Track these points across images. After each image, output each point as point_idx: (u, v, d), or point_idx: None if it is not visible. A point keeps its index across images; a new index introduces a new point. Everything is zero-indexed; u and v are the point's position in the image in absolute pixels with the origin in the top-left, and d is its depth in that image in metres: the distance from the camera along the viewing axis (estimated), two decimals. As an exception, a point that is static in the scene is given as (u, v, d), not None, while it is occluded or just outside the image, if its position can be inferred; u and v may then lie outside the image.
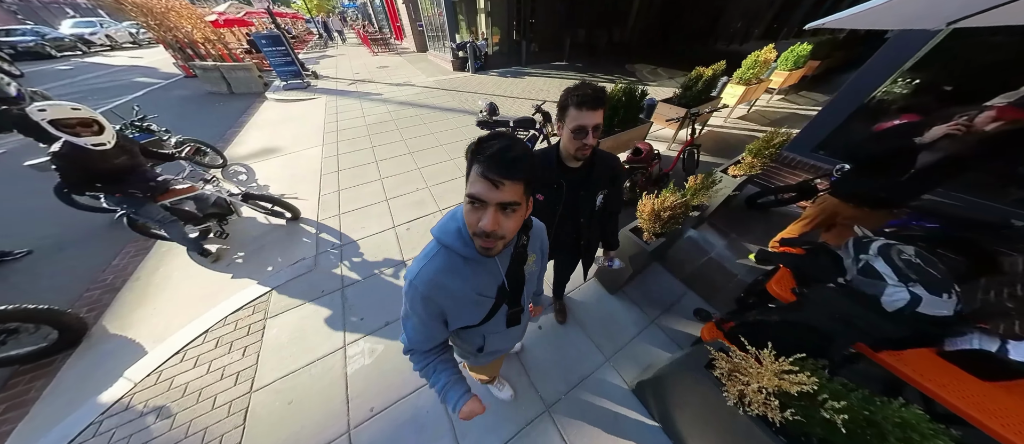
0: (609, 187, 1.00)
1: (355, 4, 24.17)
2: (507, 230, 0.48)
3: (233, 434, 1.26)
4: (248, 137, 4.30)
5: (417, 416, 1.31)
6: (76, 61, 10.72)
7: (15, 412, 1.37)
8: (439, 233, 0.56)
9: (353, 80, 7.68)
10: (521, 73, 8.53)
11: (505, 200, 0.45)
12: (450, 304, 0.57)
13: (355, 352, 1.57)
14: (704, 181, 1.56)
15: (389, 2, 14.22)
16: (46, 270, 2.17)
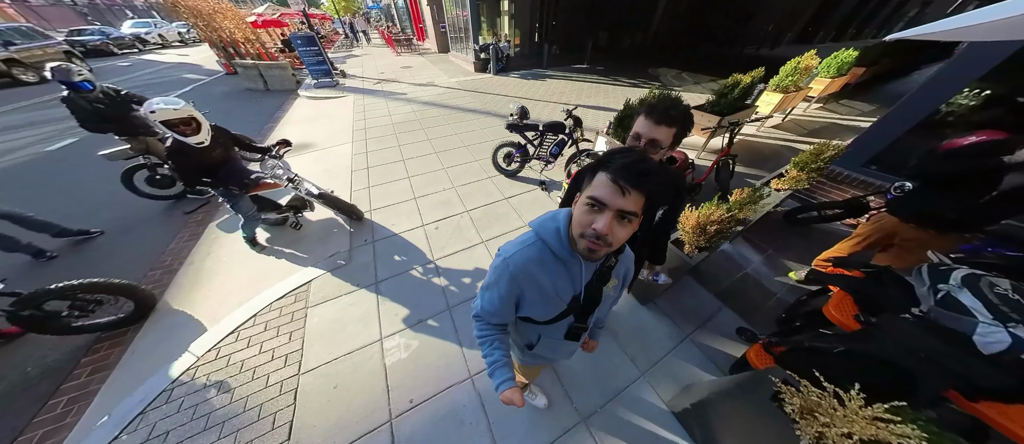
0: (669, 202, 0.98)
1: (379, 5, 24.98)
2: (617, 238, 0.50)
3: (285, 412, 1.34)
4: (283, 132, 4.54)
5: (456, 411, 1.35)
6: (133, 58, 11.71)
7: (99, 375, 1.53)
8: (538, 228, 0.60)
9: (378, 79, 7.94)
10: (542, 76, 8.52)
11: (627, 209, 0.47)
12: (531, 292, 0.61)
13: (391, 345, 1.63)
14: (752, 195, 1.51)
15: (413, 3, 14.59)
16: (116, 249, 2.39)
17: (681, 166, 2.36)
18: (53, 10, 22.89)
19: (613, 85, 7.67)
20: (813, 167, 1.90)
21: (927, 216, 1.35)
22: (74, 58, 9.04)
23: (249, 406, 1.36)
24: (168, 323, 1.77)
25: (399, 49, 12.91)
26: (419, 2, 13.19)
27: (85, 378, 1.53)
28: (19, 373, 1.56)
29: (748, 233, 2.31)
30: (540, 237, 0.59)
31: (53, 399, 1.45)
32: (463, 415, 1.34)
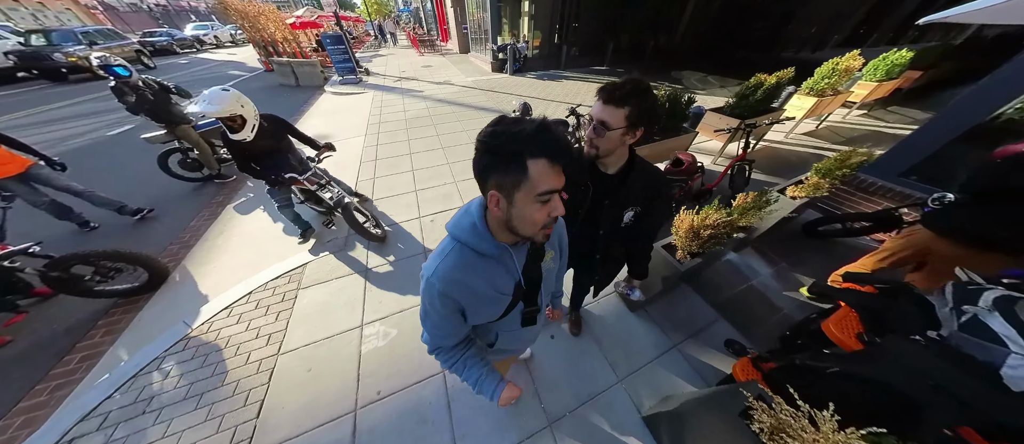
0: (644, 205, 0.87)
1: (409, 8, 26.07)
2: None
3: (259, 391, 1.39)
4: (306, 124, 4.83)
5: (421, 407, 1.33)
6: (191, 56, 13.07)
7: (109, 337, 1.68)
8: (453, 229, 0.54)
9: (399, 77, 8.25)
10: (559, 76, 8.45)
11: (561, 185, 0.46)
12: (468, 299, 0.56)
13: (371, 333, 1.65)
14: (756, 200, 1.37)
15: (439, 6, 15.07)
16: (146, 224, 2.64)
17: (688, 169, 2.22)
18: (134, 15, 26.22)
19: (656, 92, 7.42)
20: (837, 174, 1.69)
21: (971, 232, 1.15)
22: (142, 56, 10.23)
23: (227, 381, 1.42)
24: (175, 294, 1.92)
25: (422, 49, 13.37)
26: (444, 5, 13.62)
27: (98, 338, 1.68)
28: (48, 329, 1.75)
29: (759, 243, 2.11)
30: (458, 239, 0.54)
31: (69, 355, 1.61)
32: (427, 412, 1.31)
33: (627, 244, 1.03)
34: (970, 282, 0.88)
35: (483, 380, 0.64)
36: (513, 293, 0.60)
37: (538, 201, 0.45)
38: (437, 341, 0.62)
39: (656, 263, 1.45)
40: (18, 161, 2.10)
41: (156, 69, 9.95)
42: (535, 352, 1.54)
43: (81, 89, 7.47)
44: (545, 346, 1.57)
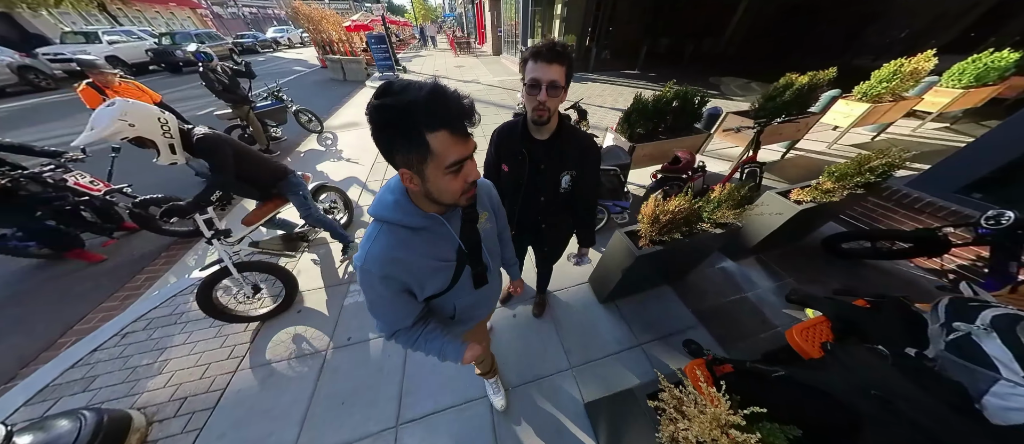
0: (578, 167, 0.89)
1: (453, 14, 27.59)
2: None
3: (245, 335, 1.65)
4: (344, 112, 5.42)
5: (381, 359, 1.46)
6: (268, 55, 15.33)
7: (166, 265, 2.11)
8: (378, 211, 0.52)
9: (431, 76, 8.80)
10: (585, 79, 8.32)
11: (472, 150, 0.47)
12: (412, 275, 0.54)
13: (355, 289, 1.84)
14: (733, 192, 1.26)
15: (479, 10, 15.75)
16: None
17: (685, 166, 2.09)
18: (232, 21, 31.56)
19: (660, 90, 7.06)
20: (856, 178, 1.46)
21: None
22: (233, 54, 12.26)
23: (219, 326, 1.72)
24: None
25: (458, 51, 14.07)
26: (483, 9, 14.21)
27: (160, 266, 2.11)
28: (129, 255, 2.23)
29: (765, 254, 1.91)
30: (384, 220, 0.52)
31: (139, 275, 2.04)
32: (385, 364, 1.43)
33: (574, 211, 1.04)
34: (972, 298, 0.76)
35: (445, 348, 0.61)
36: (457, 258, 0.59)
37: (450, 172, 0.43)
38: (394, 325, 0.59)
39: (615, 245, 1.41)
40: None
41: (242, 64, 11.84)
42: (495, 326, 1.58)
43: (190, 79, 9.18)
44: (505, 322, 1.61)
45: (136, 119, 1.13)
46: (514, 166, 0.93)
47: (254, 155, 1.55)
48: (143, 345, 1.55)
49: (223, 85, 3.35)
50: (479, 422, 1.23)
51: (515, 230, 1.08)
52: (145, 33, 11.00)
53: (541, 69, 0.70)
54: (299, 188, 1.73)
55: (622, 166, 2.00)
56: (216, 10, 29.28)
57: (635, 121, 2.51)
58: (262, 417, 1.25)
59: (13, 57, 7.48)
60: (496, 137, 0.97)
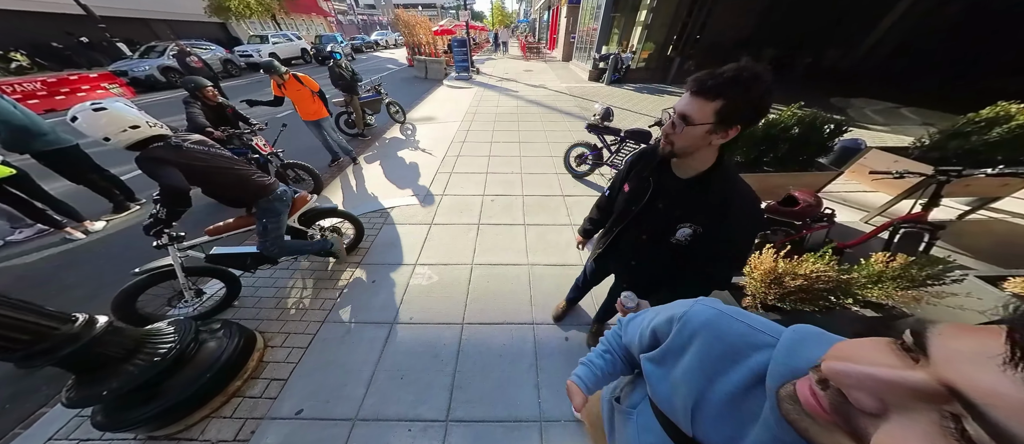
0: (705, 224, 0.70)
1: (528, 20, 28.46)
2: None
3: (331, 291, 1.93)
4: (423, 107, 6.04)
5: (436, 345, 1.54)
6: (370, 54, 18.16)
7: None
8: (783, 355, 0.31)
9: (501, 78, 9.19)
10: (662, 91, 7.62)
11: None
12: (679, 371, 0.38)
13: (421, 272, 2.00)
14: (910, 267, 0.92)
15: (555, 16, 15.87)
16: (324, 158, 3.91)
17: (804, 211, 1.70)
18: (349, 26, 38.64)
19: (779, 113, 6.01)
20: None
21: None
22: (351, 57, 14.93)
23: (322, 267, 2.04)
24: (319, 198, 2.83)
25: (529, 55, 14.41)
26: (560, 15, 14.26)
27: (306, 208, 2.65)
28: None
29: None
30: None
31: None
32: (440, 352, 1.51)
33: (677, 269, 0.84)
34: None
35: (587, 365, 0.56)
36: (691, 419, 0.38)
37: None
38: (622, 339, 0.55)
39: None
40: (324, 112, 3.25)
41: (354, 62, 14.29)
42: (543, 342, 1.53)
43: (325, 71, 11.51)
44: (555, 343, 1.54)
45: (108, 129, 1.14)
46: (634, 189, 0.82)
47: (226, 175, 1.41)
48: (267, 280, 1.95)
49: (343, 80, 4.06)
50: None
51: (605, 247, 1.00)
52: (295, 36, 14.13)
53: (684, 98, 0.62)
54: (270, 214, 1.54)
55: None
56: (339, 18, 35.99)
57: (733, 145, 2.16)
58: (339, 369, 1.44)
59: (222, 53, 10.48)
60: (636, 156, 0.87)
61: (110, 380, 1.06)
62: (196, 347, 1.28)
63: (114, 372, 1.07)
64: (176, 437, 1.21)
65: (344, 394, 1.34)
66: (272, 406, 1.30)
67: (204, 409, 1.25)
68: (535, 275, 1.96)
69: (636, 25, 8.49)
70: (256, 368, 1.43)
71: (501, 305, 1.76)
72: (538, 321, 1.67)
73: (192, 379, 1.22)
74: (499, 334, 1.60)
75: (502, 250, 2.19)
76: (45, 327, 0.92)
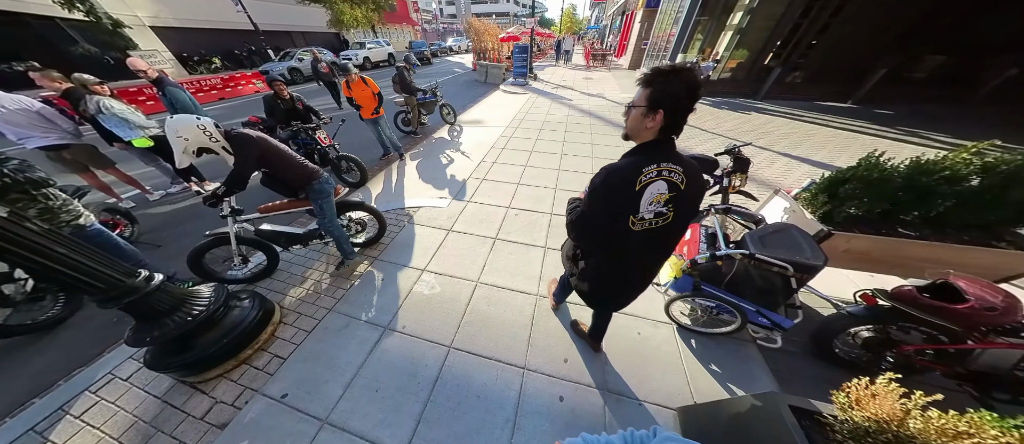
0: None
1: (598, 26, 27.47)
2: None
3: (363, 265, 2.02)
4: (474, 110, 6.26)
5: (417, 365, 1.48)
6: (442, 58, 20.00)
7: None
8: None
9: (558, 85, 8.97)
10: (748, 108, 6.33)
11: None
12: None
13: (427, 279, 1.98)
14: None
15: (627, 22, 14.87)
16: (375, 151, 4.37)
17: (977, 313, 1.08)
18: (431, 34, 43.68)
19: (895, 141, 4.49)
20: None
21: None
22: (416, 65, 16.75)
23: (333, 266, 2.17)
24: (364, 189, 3.11)
25: (592, 62, 13.81)
26: (633, 21, 13.29)
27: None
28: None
29: None
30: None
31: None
32: (420, 372, 1.43)
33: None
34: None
35: None
36: None
37: None
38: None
39: (760, 418, 0.81)
40: (381, 111, 3.71)
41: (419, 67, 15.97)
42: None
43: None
44: (547, 407, 1.30)
45: (185, 133, 1.35)
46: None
47: (284, 158, 1.64)
48: (299, 258, 2.19)
49: (405, 84, 4.48)
50: None
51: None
52: (385, 42, 16.50)
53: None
54: (322, 196, 1.76)
55: (802, 264, 1.21)
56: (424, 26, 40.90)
57: (850, 194, 1.54)
58: (327, 363, 1.48)
59: (331, 56, 12.94)
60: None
61: (156, 329, 1.26)
62: (224, 312, 1.46)
63: (159, 323, 1.27)
64: (195, 387, 1.39)
65: (324, 391, 1.36)
66: (267, 382, 1.40)
67: (218, 369, 1.42)
68: (541, 310, 1.74)
69: (725, 29, 7.29)
70: (267, 340, 1.58)
71: (495, 336, 1.60)
72: (531, 367, 1.45)
73: (215, 340, 1.40)
74: (485, 370, 1.44)
75: (512, 273, 2.02)
76: (116, 279, 1.14)
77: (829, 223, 1.61)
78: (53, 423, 1.28)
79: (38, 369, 1.53)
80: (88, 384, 1.41)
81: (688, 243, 1.62)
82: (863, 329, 1.38)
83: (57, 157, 2.52)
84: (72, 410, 1.32)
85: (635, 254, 0.90)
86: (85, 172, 2.70)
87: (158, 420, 1.28)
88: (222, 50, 14.28)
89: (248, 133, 1.49)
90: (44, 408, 1.33)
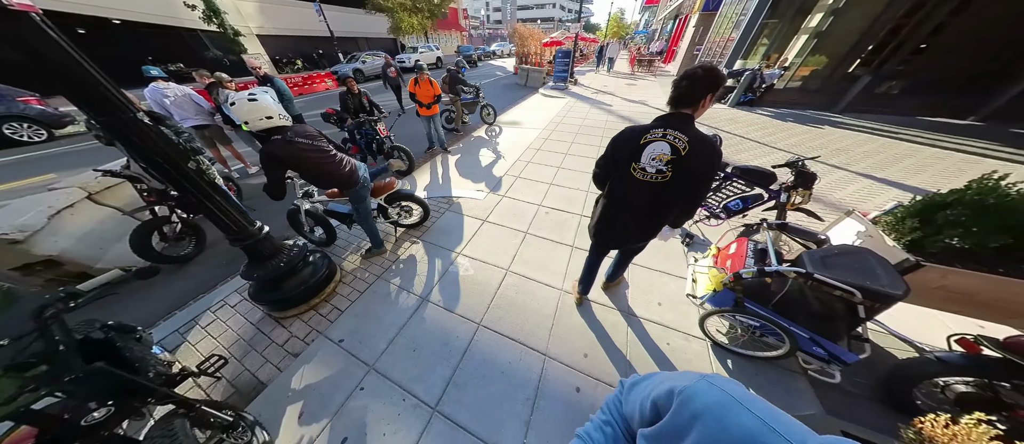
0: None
1: (646, 31, 26.25)
2: None
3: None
4: (513, 112, 6.47)
5: (449, 336, 1.65)
6: (485, 62, 20.88)
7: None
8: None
9: (598, 90, 8.82)
10: (823, 121, 5.58)
11: None
12: None
13: (463, 262, 2.16)
14: None
15: (679, 27, 14.01)
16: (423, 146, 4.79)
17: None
18: (477, 39, 46.00)
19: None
20: None
21: None
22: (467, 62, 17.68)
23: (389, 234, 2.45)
24: (409, 177, 3.46)
25: (637, 68, 13.27)
26: (686, 25, 12.49)
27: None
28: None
29: None
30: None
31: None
32: (452, 342, 1.58)
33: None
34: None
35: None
36: None
37: None
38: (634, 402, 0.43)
39: None
40: (436, 109, 4.13)
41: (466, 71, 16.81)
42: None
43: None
44: (563, 394, 1.36)
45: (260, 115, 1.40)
46: None
47: (312, 165, 1.61)
48: (359, 232, 2.54)
49: (454, 85, 4.86)
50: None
51: None
52: (435, 47, 17.80)
53: None
54: (358, 200, 1.90)
55: (874, 291, 1.07)
56: (471, 32, 43.11)
57: (952, 222, 1.34)
58: (375, 321, 1.73)
59: (389, 60, 14.41)
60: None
61: (260, 269, 1.61)
62: (303, 265, 1.80)
63: (262, 264, 1.62)
64: (278, 320, 1.73)
65: (371, 343, 1.60)
66: (328, 328, 1.69)
67: (295, 310, 1.75)
68: (564, 305, 1.80)
69: (800, 33, 6.51)
70: (330, 294, 1.89)
71: (521, 321, 1.70)
72: (552, 355, 1.52)
73: (295, 286, 1.73)
74: (509, 350, 1.55)
75: (540, 266, 2.11)
76: (244, 224, 1.50)
77: (919, 253, 1.41)
78: (189, 328, 1.72)
79: (178, 291, 2.04)
80: (209, 305, 1.84)
81: (732, 257, 1.54)
82: (958, 381, 1.19)
83: (199, 134, 3.27)
84: (199, 321, 1.75)
85: (630, 197, 1.13)
86: (213, 147, 3.46)
87: (252, 341, 1.64)
88: (302, 53, 16.72)
89: (271, 151, 1.44)
90: (183, 317, 1.78)
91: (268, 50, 14.62)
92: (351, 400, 1.36)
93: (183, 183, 1.26)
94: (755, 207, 2.12)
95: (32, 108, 5.40)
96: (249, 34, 13.96)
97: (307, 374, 1.47)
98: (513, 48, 24.73)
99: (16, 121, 5.29)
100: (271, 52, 14.85)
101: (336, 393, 1.39)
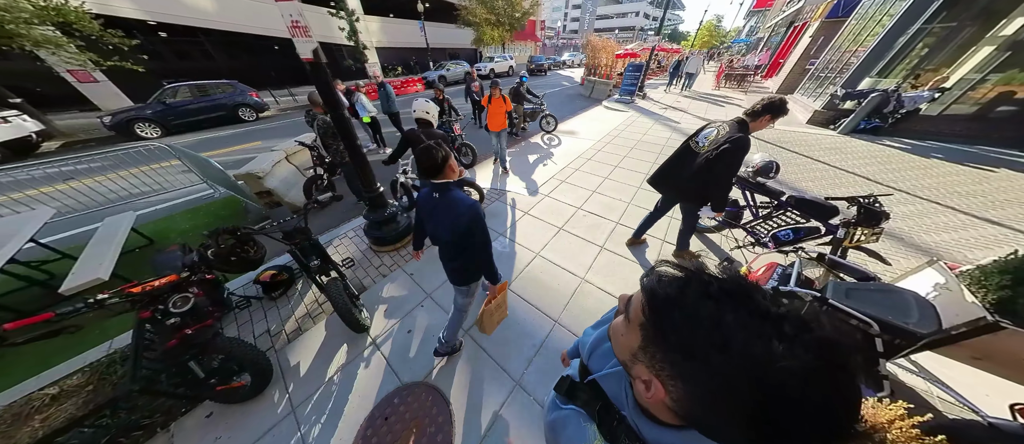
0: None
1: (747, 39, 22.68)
2: None
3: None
4: (572, 122, 6.76)
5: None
6: (554, 72, 21.49)
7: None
8: None
9: (667, 106, 8.32)
10: (987, 158, 4.19)
11: None
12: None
13: (501, 239, 2.66)
14: None
15: (792, 35, 11.86)
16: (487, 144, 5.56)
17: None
18: (550, 49, 47.42)
19: None
20: None
21: None
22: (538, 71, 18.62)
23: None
24: (471, 169, 4.18)
25: (724, 83, 11.82)
26: (802, 33, 10.51)
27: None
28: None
29: None
30: None
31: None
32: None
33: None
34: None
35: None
36: None
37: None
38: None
39: None
40: (504, 125, 4.50)
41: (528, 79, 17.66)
42: (557, 338, 1.72)
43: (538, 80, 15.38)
44: (559, 351, 1.69)
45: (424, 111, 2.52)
46: None
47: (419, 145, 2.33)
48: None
49: (518, 97, 5.51)
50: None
51: None
52: (509, 57, 19.33)
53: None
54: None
55: (893, 326, 1.01)
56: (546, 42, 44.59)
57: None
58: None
59: (467, 66, 16.36)
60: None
61: (376, 214, 2.43)
62: (396, 216, 2.57)
63: (376, 211, 2.44)
64: (377, 252, 2.54)
65: (430, 279, 2.22)
66: (404, 265, 2.40)
67: (388, 247, 2.54)
68: (582, 291, 2.09)
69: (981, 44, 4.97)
70: (406, 242, 2.63)
71: (540, 293, 2.08)
72: (561, 323, 1.86)
73: (391, 230, 2.52)
74: (526, 311, 1.95)
75: (567, 257, 2.43)
76: (370, 182, 2.32)
77: (1005, 314, 1.25)
78: (328, 243, 2.68)
79: (325, 222, 3.13)
80: (340, 233, 2.81)
81: (759, 278, 1.59)
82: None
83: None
84: (333, 243, 2.70)
85: (688, 165, 1.86)
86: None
87: (362, 261, 2.46)
88: (402, 61, 20.41)
89: (410, 132, 2.47)
90: (327, 237, 2.78)
91: (380, 59, 18.40)
92: (415, 311, 1.98)
93: (355, 154, 2.09)
94: (809, 240, 1.99)
95: (252, 99, 8.33)
96: (370, 47, 17.88)
97: (389, 289, 2.17)
98: (583, 59, 24.68)
99: (244, 108, 8.26)
100: (382, 61, 18.63)
101: (405, 304, 2.04)
